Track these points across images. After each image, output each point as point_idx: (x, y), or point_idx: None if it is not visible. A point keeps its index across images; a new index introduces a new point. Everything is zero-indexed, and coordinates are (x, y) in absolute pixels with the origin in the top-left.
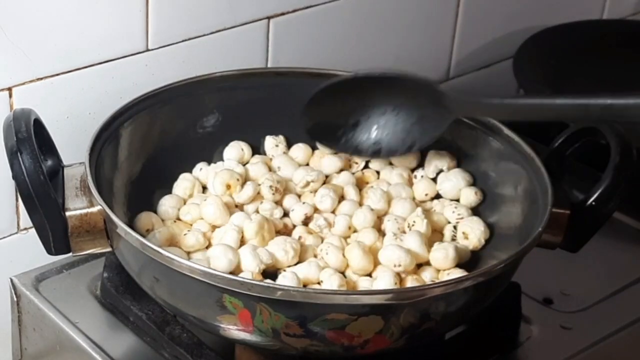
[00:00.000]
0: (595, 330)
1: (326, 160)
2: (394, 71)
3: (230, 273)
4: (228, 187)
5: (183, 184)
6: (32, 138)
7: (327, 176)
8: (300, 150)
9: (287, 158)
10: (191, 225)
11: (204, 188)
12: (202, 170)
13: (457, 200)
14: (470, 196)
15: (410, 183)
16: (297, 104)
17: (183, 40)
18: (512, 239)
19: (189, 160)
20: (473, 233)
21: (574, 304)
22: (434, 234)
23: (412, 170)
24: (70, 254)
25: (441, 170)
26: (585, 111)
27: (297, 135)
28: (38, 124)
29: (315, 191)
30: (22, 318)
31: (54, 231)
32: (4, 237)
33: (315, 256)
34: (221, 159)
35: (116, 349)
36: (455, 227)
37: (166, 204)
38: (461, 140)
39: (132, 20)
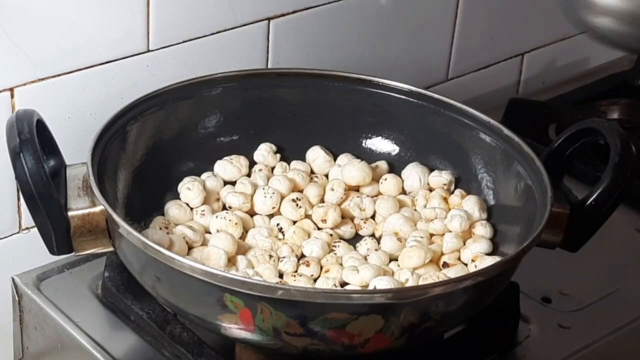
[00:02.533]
0: (593, 329)
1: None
2: None
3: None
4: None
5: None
6: (35, 139)
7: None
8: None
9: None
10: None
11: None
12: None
13: None
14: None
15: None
16: (297, 105)
17: (184, 41)
18: (512, 239)
19: (190, 161)
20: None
21: (572, 303)
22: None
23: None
24: (72, 253)
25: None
26: None
27: (296, 135)
28: (41, 125)
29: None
30: (24, 317)
31: (57, 231)
32: (6, 237)
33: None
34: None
35: (117, 347)
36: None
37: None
38: (460, 140)
39: (133, 21)
